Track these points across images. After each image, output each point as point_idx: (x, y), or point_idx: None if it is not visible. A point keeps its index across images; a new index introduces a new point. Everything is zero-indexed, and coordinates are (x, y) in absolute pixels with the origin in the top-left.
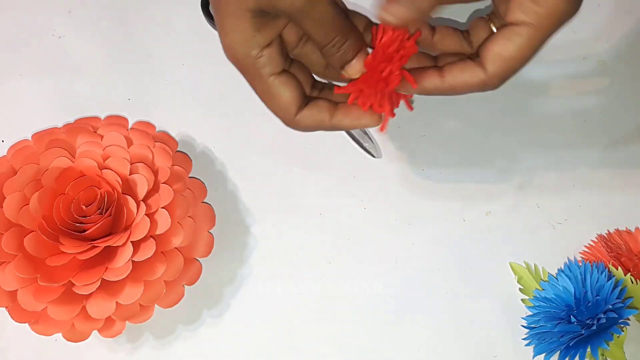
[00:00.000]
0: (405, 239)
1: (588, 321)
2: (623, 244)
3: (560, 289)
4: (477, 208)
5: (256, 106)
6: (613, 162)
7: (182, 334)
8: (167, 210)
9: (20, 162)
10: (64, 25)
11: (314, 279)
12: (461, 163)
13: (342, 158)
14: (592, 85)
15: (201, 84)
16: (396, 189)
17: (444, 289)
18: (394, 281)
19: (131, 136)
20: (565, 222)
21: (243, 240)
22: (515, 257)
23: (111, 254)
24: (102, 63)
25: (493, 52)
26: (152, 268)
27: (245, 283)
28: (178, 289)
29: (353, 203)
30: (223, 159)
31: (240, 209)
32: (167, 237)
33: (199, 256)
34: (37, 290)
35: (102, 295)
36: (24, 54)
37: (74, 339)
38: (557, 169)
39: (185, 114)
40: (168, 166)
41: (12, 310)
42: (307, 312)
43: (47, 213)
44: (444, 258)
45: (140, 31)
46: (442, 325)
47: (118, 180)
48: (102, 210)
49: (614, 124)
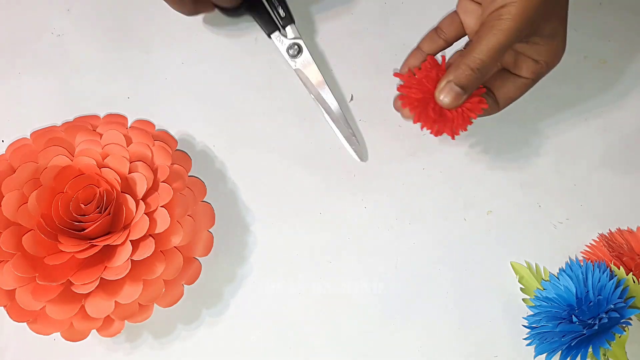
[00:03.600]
0: (405, 239)
1: (590, 321)
2: (625, 243)
3: (561, 288)
4: (478, 207)
5: (256, 105)
6: (614, 161)
7: (182, 333)
8: (166, 209)
9: (19, 161)
10: (63, 23)
11: (314, 279)
12: (461, 163)
13: (342, 158)
14: (593, 84)
15: (201, 83)
16: (396, 189)
17: (444, 288)
18: (394, 281)
19: (130, 135)
20: (567, 221)
21: (243, 239)
22: (516, 257)
23: (110, 253)
24: (102, 61)
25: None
26: (151, 267)
27: (244, 282)
28: (177, 288)
29: (353, 203)
30: (223, 158)
31: (240, 208)
32: (166, 236)
33: (199, 255)
34: (36, 289)
35: (101, 294)
36: (23, 52)
37: (73, 339)
38: (558, 168)
39: (185, 112)
40: (167, 165)
41: (10, 310)
42: (307, 312)
43: (45, 212)
44: (444, 258)
45: (140, 30)
46: (442, 325)
47: (117, 179)
48: (101, 209)
49: (614, 123)
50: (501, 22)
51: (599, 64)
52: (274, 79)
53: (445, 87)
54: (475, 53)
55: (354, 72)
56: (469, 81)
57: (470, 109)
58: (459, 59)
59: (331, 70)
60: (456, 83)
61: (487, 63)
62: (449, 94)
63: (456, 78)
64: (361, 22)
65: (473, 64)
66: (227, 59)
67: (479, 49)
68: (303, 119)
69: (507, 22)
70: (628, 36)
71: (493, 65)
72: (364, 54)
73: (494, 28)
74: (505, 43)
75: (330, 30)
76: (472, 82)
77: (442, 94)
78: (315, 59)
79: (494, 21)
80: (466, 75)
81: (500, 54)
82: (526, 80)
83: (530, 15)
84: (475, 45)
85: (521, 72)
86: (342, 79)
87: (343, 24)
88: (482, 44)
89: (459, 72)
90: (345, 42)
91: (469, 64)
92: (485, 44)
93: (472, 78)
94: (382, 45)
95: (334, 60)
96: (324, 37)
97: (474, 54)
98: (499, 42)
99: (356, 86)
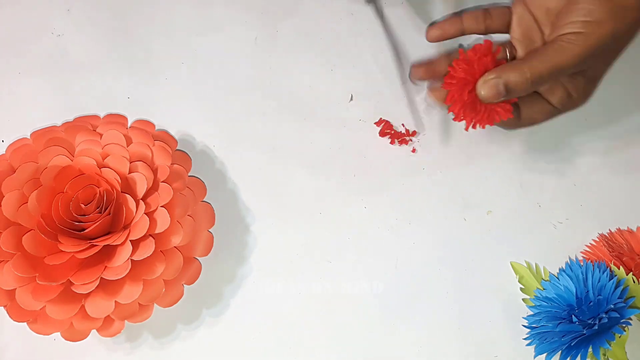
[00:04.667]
0: (405, 238)
1: (590, 321)
2: (625, 243)
3: (561, 288)
4: (478, 207)
5: (256, 105)
6: (614, 161)
7: (182, 333)
8: (166, 209)
9: (19, 161)
10: (63, 23)
11: (314, 279)
12: (461, 162)
13: (343, 158)
14: None
15: (201, 83)
16: (396, 189)
17: (444, 288)
18: (394, 281)
19: (130, 135)
20: (567, 221)
21: (243, 239)
22: (516, 257)
23: (110, 252)
24: (102, 61)
25: (530, 116)
26: (152, 267)
27: (245, 282)
28: (177, 288)
29: (353, 203)
30: (223, 158)
31: (240, 208)
32: (166, 236)
33: (199, 255)
34: (36, 289)
35: (101, 294)
36: (23, 53)
37: (73, 339)
38: (558, 168)
39: (185, 112)
40: (167, 165)
41: (10, 310)
42: (307, 312)
43: (45, 212)
44: (444, 258)
45: (140, 29)
46: (442, 325)
47: (117, 179)
48: (101, 209)
49: (614, 123)
50: (572, 47)
51: None
52: (274, 78)
53: (491, 81)
54: (536, 63)
55: (354, 72)
56: (517, 86)
57: (499, 112)
58: (517, 62)
59: (331, 70)
60: (505, 83)
61: (543, 78)
62: (492, 90)
63: (507, 78)
64: (361, 22)
65: (530, 73)
66: (227, 58)
67: (541, 61)
68: (303, 119)
69: (577, 48)
70: None
71: (545, 83)
72: (364, 54)
73: (564, 49)
74: (568, 66)
75: (330, 30)
76: (520, 89)
77: (486, 86)
78: None
79: (565, 43)
80: (519, 80)
81: (558, 75)
82: (553, 109)
83: (596, 50)
84: (538, 56)
85: (552, 100)
86: (342, 79)
87: (343, 24)
88: (547, 58)
89: (514, 74)
90: (346, 43)
91: (526, 71)
92: (549, 60)
93: (522, 85)
94: (382, 45)
95: (334, 60)
96: (324, 37)
97: (535, 64)
98: (563, 63)
99: (356, 86)
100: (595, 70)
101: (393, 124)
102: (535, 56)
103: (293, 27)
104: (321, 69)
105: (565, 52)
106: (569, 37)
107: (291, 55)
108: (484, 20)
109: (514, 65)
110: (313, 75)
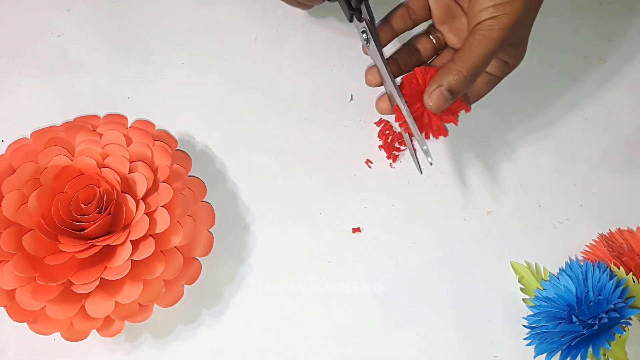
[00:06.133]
0: (405, 239)
1: (590, 321)
2: (625, 243)
3: (561, 288)
4: (477, 207)
5: (256, 105)
6: (614, 161)
7: (182, 333)
8: (166, 209)
9: (19, 161)
10: (63, 23)
11: (314, 279)
12: (462, 162)
13: (342, 158)
14: (593, 84)
15: (201, 83)
16: (396, 189)
17: (444, 288)
18: (394, 281)
19: (130, 135)
20: (567, 221)
21: (243, 239)
22: (516, 257)
23: (110, 252)
24: (102, 61)
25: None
26: (152, 267)
27: (245, 282)
28: (177, 288)
29: (353, 203)
30: (223, 158)
31: (240, 208)
32: (166, 236)
33: (199, 255)
34: (36, 289)
35: (101, 294)
36: (23, 53)
37: (73, 339)
38: (558, 168)
39: (185, 112)
40: (167, 165)
41: (10, 309)
42: (307, 312)
43: (45, 212)
44: (444, 258)
45: (140, 29)
46: (442, 325)
47: (117, 179)
48: (101, 209)
49: (614, 123)
50: (492, 32)
51: (599, 64)
52: (274, 78)
53: (435, 91)
54: (467, 59)
55: (354, 72)
56: (459, 86)
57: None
58: (449, 64)
59: (331, 70)
60: (447, 88)
61: (479, 68)
62: (439, 98)
63: (447, 82)
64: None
65: (465, 70)
66: (227, 58)
67: (470, 56)
68: (303, 118)
69: (497, 32)
70: (628, 36)
71: (483, 71)
72: (364, 53)
73: (486, 37)
74: (495, 51)
75: (330, 30)
76: (462, 88)
77: (432, 97)
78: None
79: (485, 31)
80: (457, 80)
81: (490, 60)
82: (495, 78)
83: (515, 26)
84: (466, 52)
85: (491, 71)
86: (342, 79)
87: (343, 23)
88: (474, 51)
89: (451, 77)
90: (345, 42)
91: (461, 69)
92: (476, 51)
93: (463, 84)
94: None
95: (334, 60)
96: (324, 36)
97: (466, 60)
98: (490, 50)
99: (356, 86)
100: (521, 37)
101: (392, 125)
102: (463, 53)
103: (293, 27)
104: (321, 69)
105: (488, 40)
106: (487, 23)
107: (291, 55)
108: (409, 17)
109: (448, 69)
110: (313, 75)
